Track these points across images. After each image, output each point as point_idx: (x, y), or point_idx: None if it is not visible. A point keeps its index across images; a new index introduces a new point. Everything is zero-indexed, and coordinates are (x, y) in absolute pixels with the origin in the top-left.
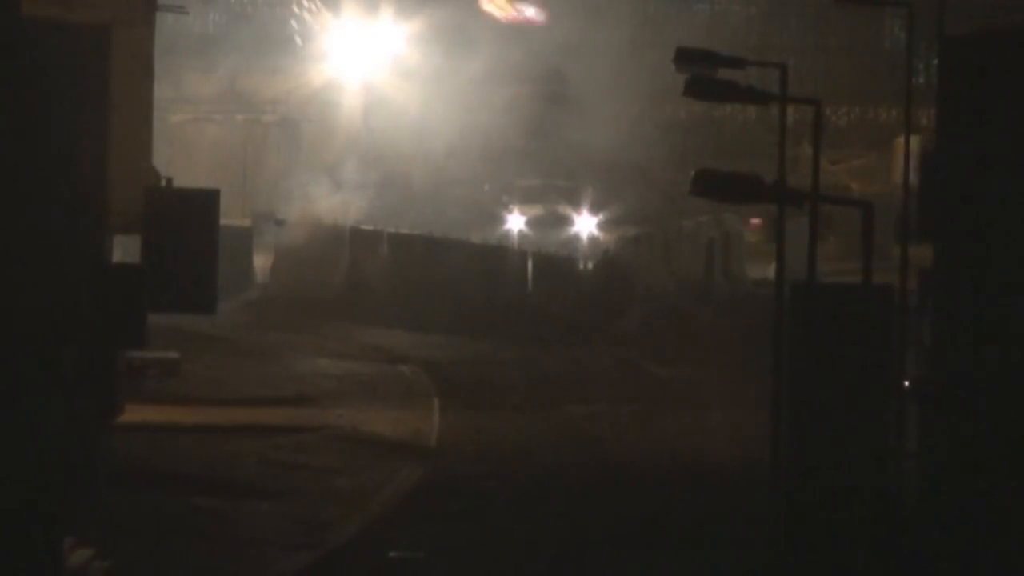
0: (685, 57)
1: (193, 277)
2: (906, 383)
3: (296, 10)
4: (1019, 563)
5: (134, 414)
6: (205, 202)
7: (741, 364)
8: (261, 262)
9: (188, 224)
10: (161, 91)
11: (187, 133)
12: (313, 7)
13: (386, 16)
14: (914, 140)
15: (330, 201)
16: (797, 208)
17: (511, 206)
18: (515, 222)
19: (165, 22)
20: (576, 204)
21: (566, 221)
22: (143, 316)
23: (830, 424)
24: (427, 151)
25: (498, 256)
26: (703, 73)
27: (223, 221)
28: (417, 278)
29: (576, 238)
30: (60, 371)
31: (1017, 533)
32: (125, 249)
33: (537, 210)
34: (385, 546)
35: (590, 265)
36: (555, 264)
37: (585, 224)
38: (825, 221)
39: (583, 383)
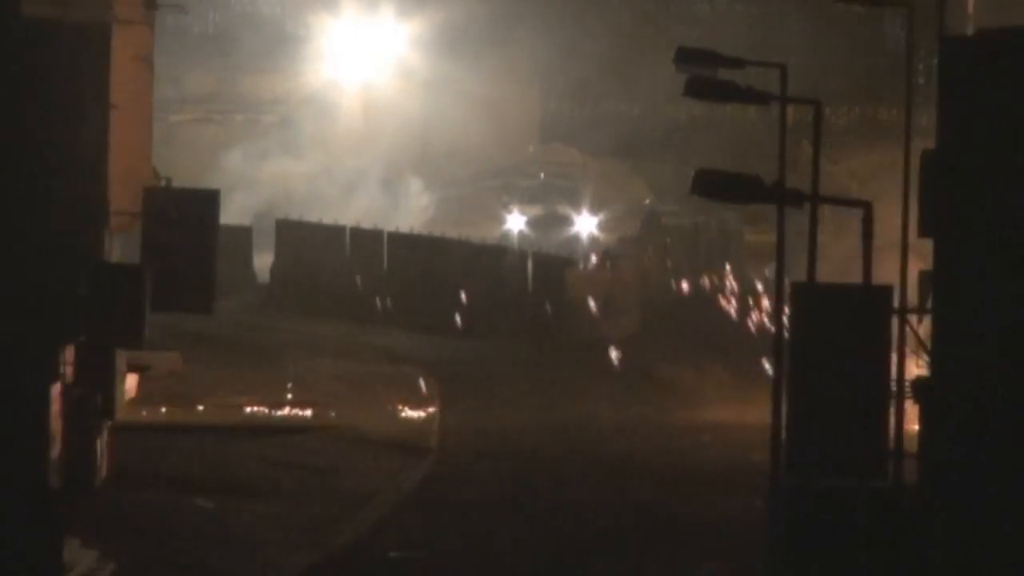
0: (685, 57)
1: (193, 277)
2: (906, 383)
3: (296, 10)
4: (1019, 563)
5: (134, 414)
6: (205, 202)
7: (741, 364)
8: (261, 262)
9: (188, 224)
10: (161, 91)
11: (187, 133)
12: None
13: (386, 16)
14: None
15: (329, 201)
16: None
17: (511, 206)
18: (515, 222)
19: (165, 22)
20: (576, 204)
21: (566, 221)
22: (143, 316)
23: (829, 424)
24: (427, 150)
25: (498, 256)
26: (703, 73)
27: (223, 221)
28: (417, 278)
29: (576, 238)
30: (60, 371)
31: (1017, 533)
32: (125, 249)
33: (537, 210)
34: (385, 546)
35: (590, 265)
36: (555, 264)
37: (585, 224)
38: None
39: (583, 383)
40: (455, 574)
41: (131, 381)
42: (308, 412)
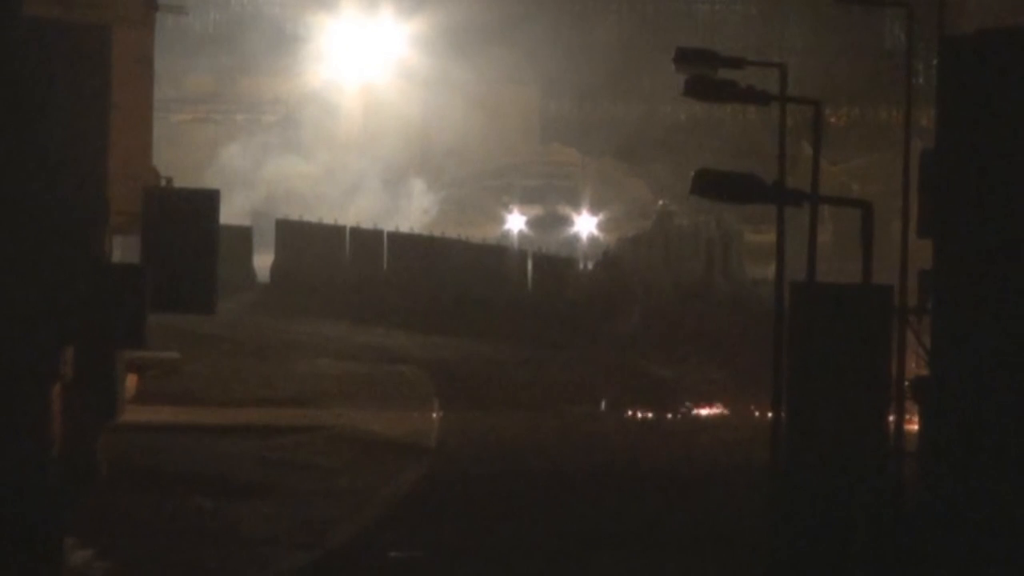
0: (685, 57)
1: (193, 277)
2: (906, 383)
3: (296, 10)
4: (1019, 563)
5: (134, 414)
6: (205, 202)
7: (741, 364)
8: (261, 262)
9: (188, 224)
10: (161, 91)
11: (187, 133)
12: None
13: (386, 16)
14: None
15: (330, 201)
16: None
17: (511, 206)
18: (515, 222)
19: (165, 22)
20: (576, 204)
21: (566, 221)
22: (143, 316)
23: (830, 424)
24: (428, 150)
25: (498, 256)
26: (703, 73)
27: (223, 221)
28: (417, 278)
29: (576, 238)
30: (60, 371)
31: (1017, 533)
32: (125, 249)
33: (537, 210)
34: (385, 546)
35: (590, 265)
36: (555, 264)
37: (585, 224)
38: None
39: (583, 383)
40: (455, 574)
41: (131, 381)
42: (308, 412)
